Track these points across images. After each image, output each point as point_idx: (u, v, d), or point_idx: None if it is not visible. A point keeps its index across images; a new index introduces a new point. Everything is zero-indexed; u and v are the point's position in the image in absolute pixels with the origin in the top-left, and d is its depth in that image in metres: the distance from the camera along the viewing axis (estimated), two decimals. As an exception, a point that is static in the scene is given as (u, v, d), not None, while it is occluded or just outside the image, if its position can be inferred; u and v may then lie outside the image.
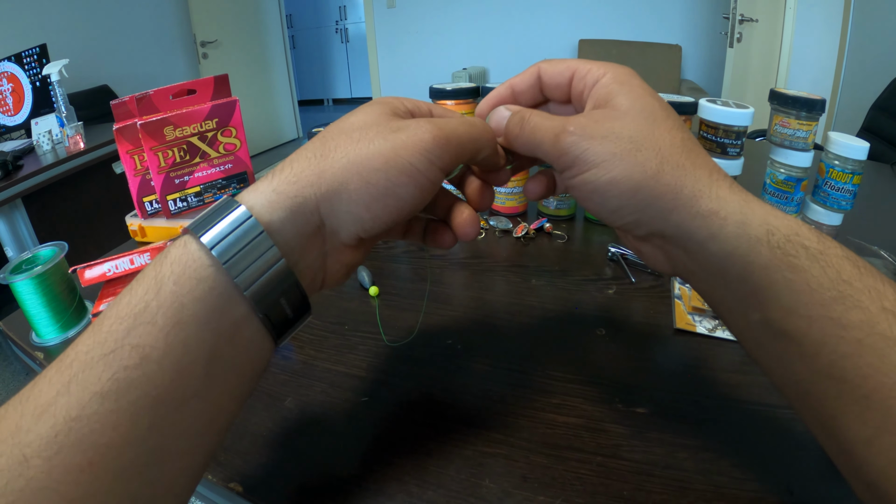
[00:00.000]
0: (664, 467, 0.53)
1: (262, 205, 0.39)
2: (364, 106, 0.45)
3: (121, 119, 1.03)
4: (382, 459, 0.56)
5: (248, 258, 0.37)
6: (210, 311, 0.36)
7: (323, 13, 8.47)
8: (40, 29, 3.97)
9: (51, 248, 0.83)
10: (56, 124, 2.91)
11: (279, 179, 0.40)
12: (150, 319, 0.34)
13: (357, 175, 0.40)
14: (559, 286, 0.86)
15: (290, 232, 0.40)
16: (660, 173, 0.41)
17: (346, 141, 0.42)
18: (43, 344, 0.80)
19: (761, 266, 0.38)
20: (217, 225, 0.38)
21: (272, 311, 0.39)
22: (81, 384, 0.32)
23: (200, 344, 0.36)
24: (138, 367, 0.33)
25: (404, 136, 0.41)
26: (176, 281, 0.36)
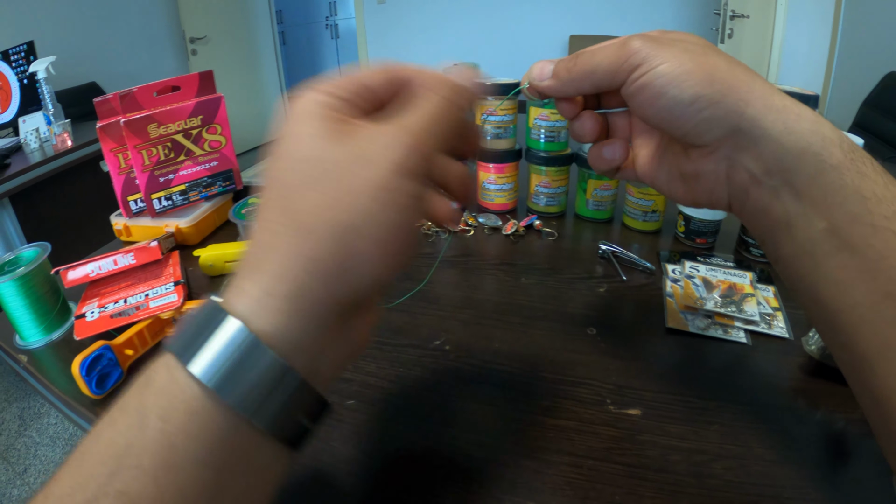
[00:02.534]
0: (657, 470, 0.53)
1: (257, 314, 0.32)
2: (292, 123, 0.35)
3: (104, 117, 1.01)
4: (367, 465, 0.55)
5: (249, 382, 0.32)
6: (209, 449, 0.31)
7: (313, 9, 8.43)
8: (28, 26, 3.94)
9: (33, 248, 0.82)
10: (43, 122, 2.89)
11: (267, 277, 0.33)
12: (135, 463, 0.30)
13: (362, 238, 0.33)
14: (549, 285, 0.86)
15: (298, 334, 0.33)
16: (731, 69, 0.41)
17: (315, 196, 0.33)
18: (27, 346, 0.79)
19: (833, 166, 0.37)
20: (204, 346, 0.32)
21: (293, 432, 0.35)
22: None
23: (200, 485, 0.31)
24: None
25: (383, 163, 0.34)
26: (162, 416, 0.31)
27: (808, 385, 0.63)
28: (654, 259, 0.91)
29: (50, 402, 0.73)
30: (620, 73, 0.43)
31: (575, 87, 0.47)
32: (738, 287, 0.79)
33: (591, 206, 1.07)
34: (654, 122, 0.44)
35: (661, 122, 0.43)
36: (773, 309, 0.75)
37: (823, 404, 0.60)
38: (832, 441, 0.56)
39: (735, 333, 0.71)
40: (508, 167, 1.09)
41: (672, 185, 0.49)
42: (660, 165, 0.50)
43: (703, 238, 0.95)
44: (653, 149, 0.51)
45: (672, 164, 0.49)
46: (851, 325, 0.38)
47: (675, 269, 0.86)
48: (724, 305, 0.75)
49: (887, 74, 2.86)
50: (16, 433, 2.45)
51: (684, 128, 0.42)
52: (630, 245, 0.97)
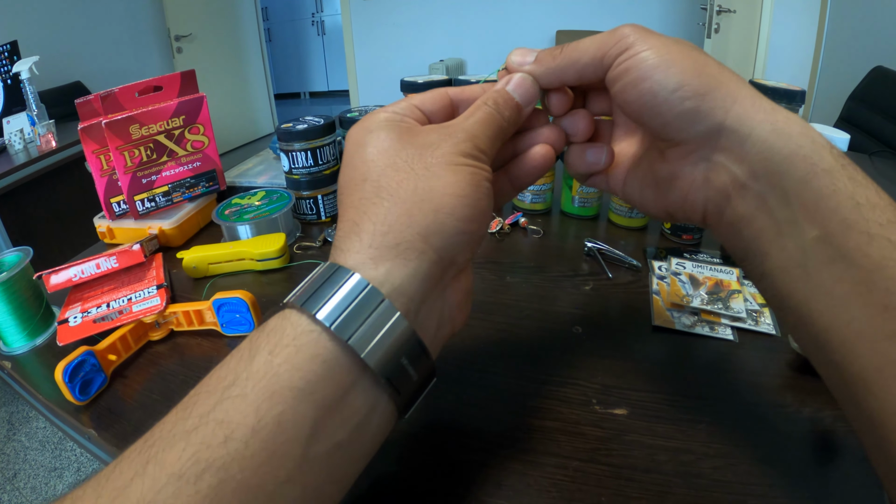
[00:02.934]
0: (643, 471, 0.52)
1: (364, 263, 0.37)
2: (360, 134, 0.43)
3: (86, 118, 1.00)
4: (352, 469, 0.54)
5: (359, 318, 0.35)
6: (311, 380, 0.33)
7: (299, 5, 8.42)
8: (11, 25, 3.91)
9: (15, 253, 0.81)
10: (27, 123, 2.88)
11: (368, 237, 0.38)
12: (239, 392, 0.32)
13: (443, 195, 0.39)
14: (534, 283, 0.85)
15: (403, 280, 0.37)
16: (721, 69, 0.41)
17: (396, 172, 0.40)
18: (11, 353, 0.78)
19: (825, 170, 0.36)
20: (320, 292, 0.36)
21: (395, 375, 0.37)
22: (159, 464, 0.29)
23: (299, 418, 0.32)
24: (222, 445, 0.30)
25: (447, 149, 0.41)
26: (271, 350, 0.33)
27: (796, 381, 0.62)
28: (641, 256, 0.91)
29: (35, 409, 0.72)
30: (607, 58, 0.43)
31: (558, 75, 0.46)
32: (724, 283, 0.79)
33: (576, 203, 1.06)
34: (635, 109, 0.43)
35: (641, 109, 0.42)
36: (759, 305, 0.75)
37: (811, 401, 0.59)
38: (820, 438, 0.56)
39: (722, 330, 0.71)
40: (494, 165, 1.07)
41: (644, 193, 0.48)
42: (634, 171, 0.50)
43: (689, 234, 0.95)
44: (629, 156, 0.51)
45: (647, 168, 0.48)
46: (847, 343, 0.36)
47: (661, 266, 0.86)
48: (711, 302, 0.75)
49: (874, 69, 2.87)
50: (4, 438, 2.44)
51: (665, 116, 0.41)
52: (616, 242, 0.96)
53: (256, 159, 1.46)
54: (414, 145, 0.41)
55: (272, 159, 1.45)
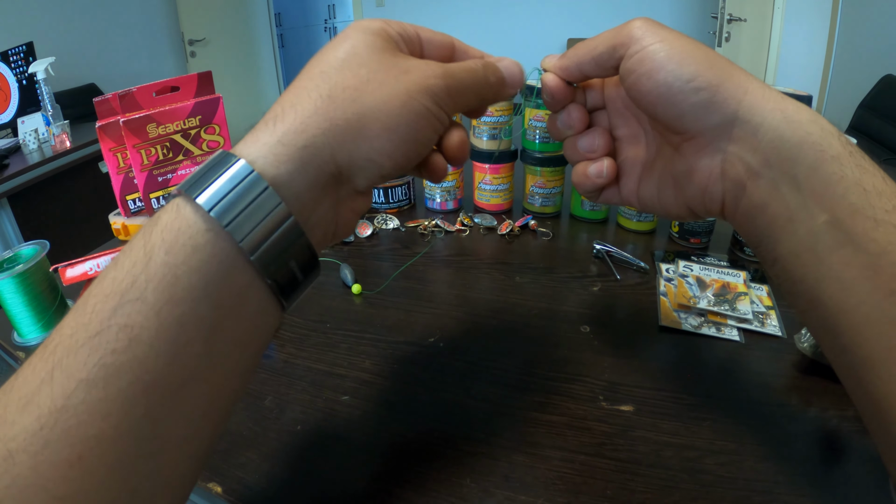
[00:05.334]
0: (648, 466, 0.53)
1: (266, 157, 0.35)
2: (349, 31, 0.41)
3: (104, 116, 1.02)
4: (361, 459, 0.55)
5: (253, 218, 0.34)
6: (209, 283, 0.33)
7: (312, 12, 8.42)
8: (27, 27, 3.93)
9: (32, 246, 0.82)
10: (42, 123, 2.89)
11: (283, 128, 0.36)
12: (138, 296, 0.31)
13: (375, 121, 0.38)
14: (543, 284, 0.86)
15: (301, 185, 0.36)
16: (730, 63, 0.41)
17: (352, 78, 0.38)
18: (25, 344, 0.79)
19: (834, 157, 0.37)
20: (213, 183, 0.34)
21: (281, 276, 0.36)
22: (66, 371, 0.29)
23: (198, 320, 0.32)
24: (127, 349, 0.30)
25: (416, 78, 0.40)
26: (168, 250, 0.32)
27: (801, 382, 0.63)
28: (649, 259, 0.92)
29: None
30: (621, 48, 0.44)
31: (578, 65, 0.48)
32: (731, 286, 0.79)
33: (586, 207, 1.07)
34: (650, 101, 0.43)
35: (657, 101, 0.43)
36: (766, 308, 0.76)
37: (816, 401, 0.60)
38: (825, 438, 0.56)
39: (728, 331, 0.72)
40: (504, 168, 1.09)
41: (663, 193, 0.49)
42: (648, 175, 0.50)
43: (697, 238, 0.95)
44: (638, 163, 0.52)
45: (663, 168, 0.49)
46: (855, 326, 0.37)
47: (668, 269, 0.87)
48: (718, 304, 0.75)
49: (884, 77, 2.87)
50: (13, 434, 2.44)
51: (681, 107, 0.42)
52: (625, 245, 0.97)
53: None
54: (385, 61, 0.40)
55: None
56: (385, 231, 1.07)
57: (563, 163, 1.06)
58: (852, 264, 0.36)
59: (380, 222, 1.09)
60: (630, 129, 0.52)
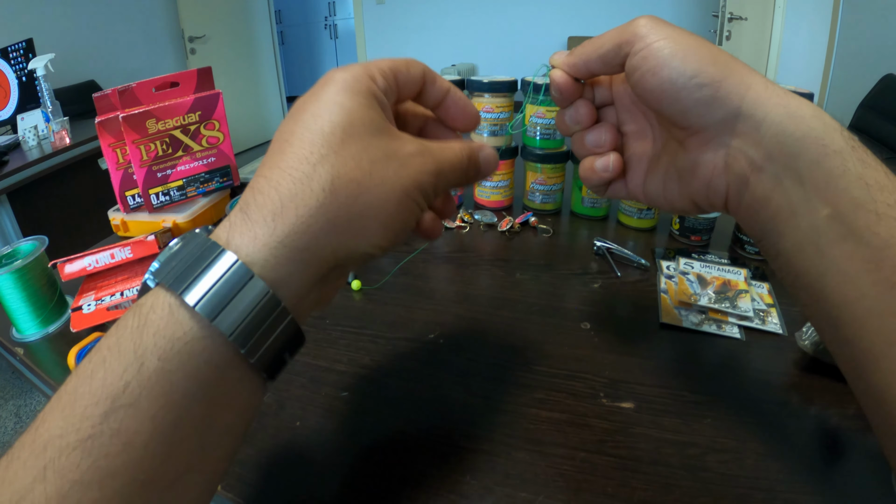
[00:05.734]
0: (649, 463, 0.53)
1: (267, 260, 0.34)
2: (336, 90, 0.39)
3: (103, 112, 1.01)
4: (361, 455, 0.55)
5: (255, 324, 0.33)
6: (204, 386, 0.33)
7: (312, 9, 8.43)
8: (27, 23, 3.94)
9: (31, 242, 0.82)
10: (42, 119, 2.89)
11: (284, 229, 0.35)
12: (131, 402, 0.31)
13: (374, 220, 0.38)
14: (543, 280, 0.86)
15: (300, 284, 0.36)
16: (733, 59, 0.42)
17: (354, 169, 0.37)
18: (23, 339, 0.79)
19: (836, 151, 0.37)
20: (210, 283, 0.33)
21: (275, 367, 0.37)
22: (58, 472, 0.29)
23: (192, 419, 0.33)
24: (121, 453, 0.30)
25: (411, 174, 0.40)
26: (161, 356, 0.31)
27: (802, 380, 0.63)
28: (649, 256, 0.91)
29: (46, 395, 0.73)
30: (626, 46, 0.44)
31: (585, 62, 0.48)
32: (732, 283, 0.79)
33: (586, 204, 1.07)
34: (655, 97, 0.44)
35: (661, 97, 0.43)
36: (767, 305, 0.76)
37: (817, 399, 0.60)
38: (826, 436, 0.56)
39: (729, 329, 0.71)
40: (504, 165, 1.09)
41: (668, 187, 0.49)
42: (654, 169, 0.51)
43: (697, 235, 0.95)
44: (645, 158, 0.52)
45: (668, 162, 0.49)
46: (857, 319, 0.37)
47: (669, 266, 0.87)
48: (718, 301, 0.75)
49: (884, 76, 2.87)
50: (12, 431, 2.45)
51: (685, 103, 0.42)
52: (625, 242, 0.97)
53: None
54: (384, 148, 0.39)
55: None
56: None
57: (563, 160, 1.06)
58: (854, 258, 0.36)
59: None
60: (637, 125, 0.53)
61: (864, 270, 0.36)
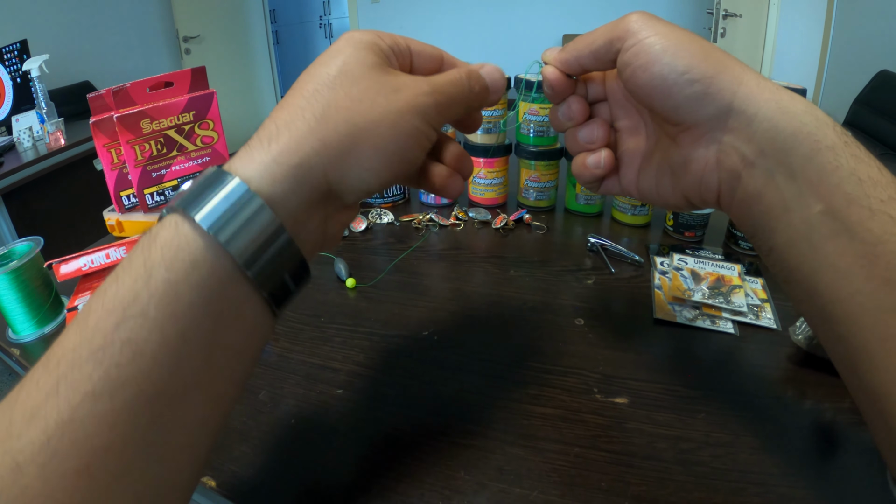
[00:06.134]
0: (643, 458, 0.53)
1: (262, 176, 0.36)
2: (341, 45, 0.42)
3: (97, 112, 1.01)
4: (356, 452, 0.55)
5: (250, 235, 0.35)
6: (208, 298, 0.34)
7: (307, 8, 8.41)
8: (21, 24, 3.92)
9: (26, 242, 0.82)
10: (37, 121, 2.89)
11: (278, 147, 0.37)
12: (140, 311, 0.32)
13: (366, 141, 0.39)
14: (538, 277, 0.86)
15: (294, 203, 0.37)
16: (726, 55, 0.42)
17: (344, 98, 0.39)
18: (19, 340, 0.79)
19: (829, 146, 0.37)
20: (210, 201, 0.35)
21: (275, 288, 0.37)
22: (71, 384, 0.30)
23: (199, 333, 0.34)
24: (131, 363, 0.31)
25: (407, 98, 0.41)
26: (168, 267, 0.33)
27: (796, 375, 0.63)
28: (643, 252, 0.92)
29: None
30: (617, 42, 0.44)
31: (577, 59, 0.48)
32: (726, 279, 0.79)
33: (580, 201, 1.07)
34: (646, 93, 0.44)
35: (652, 93, 0.43)
36: (760, 300, 0.76)
37: (811, 394, 0.60)
38: (819, 430, 0.56)
39: (723, 324, 0.72)
40: (498, 162, 1.09)
41: (661, 183, 0.49)
42: (647, 165, 0.51)
43: (692, 231, 0.95)
44: (638, 154, 0.52)
45: (660, 158, 0.49)
46: (850, 315, 0.37)
47: (663, 262, 0.87)
48: (712, 297, 0.75)
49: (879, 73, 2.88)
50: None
51: (676, 99, 0.42)
52: (619, 239, 0.97)
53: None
54: (377, 80, 0.41)
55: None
56: (379, 225, 1.06)
57: (557, 157, 1.06)
58: (847, 253, 0.36)
59: (374, 217, 1.09)
60: (630, 121, 0.53)
61: (857, 266, 0.36)
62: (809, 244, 0.38)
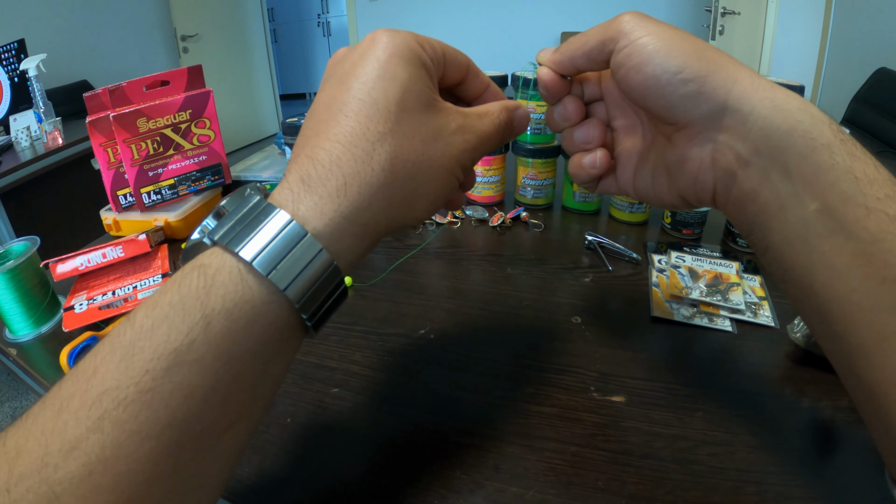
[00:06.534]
0: (640, 457, 0.53)
1: (332, 234, 0.37)
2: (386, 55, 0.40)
3: (94, 111, 1.01)
4: (351, 451, 0.55)
5: (311, 286, 0.36)
6: (266, 344, 0.35)
7: (304, 6, 8.42)
8: (18, 24, 3.92)
9: (23, 242, 0.82)
10: (34, 120, 2.88)
11: (349, 204, 0.37)
12: (196, 358, 0.32)
13: (423, 198, 0.41)
14: (535, 275, 0.86)
15: (357, 254, 0.39)
16: (719, 52, 0.42)
17: (409, 151, 0.39)
18: (16, 340, 0.78)
19: (824, 144, 0.37)
20: (271, 246, 0.35)
21: (321, 321, 0.39)
22: (115, 423, 0.30)
23: (251, 374, 0.35)
24: (182, 406, 0.31)
25: (455, 153, 0.42)
26: (228, 317, 0.33)
27: (794, 373, 0.63)
28: (641, 250, 0.91)
29: (39, 395, 0.73)
30: (610, 42, 0.44)
31: (571, 59, 0.48)
32: (723, 277, 0.79)
33: (578, 198, 1.07)
34: (640, 94, 0.44)
35: (646, 93, 0.43)
36: (758, 298, 0.76)
37: (809, 392, 0.60)
38: (818, 428, 0.56)
39: (721, 322, 0.71)
40: (495, 160, 1.09)
41: (657, 182, 0.49)
42: (643, 164, 0.51)
43: (689, 229, 0.95)
44: (634, 154, 0.52)
45: (656, 157, 0.49)
46: (847, 314, 0.37)
47: (661, 260, 0.87)
48: (710, 295, 0.75)
49: (877, 70, 2.88)
50: (8, 432, 2.44)
51: (669, 99, 0.42)
52: (617, 236, 0.97)
53: (261, 154, 1.47)
54: (433, 125, 0.42)
55: (277, 154, 1.46)
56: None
57: (554, 154, 1.06)
58: (844, 252, 0.36)
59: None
60: (627, 120, 0.53)
61: (853, 265, 0.36)
62: (805, 243, 0.38)
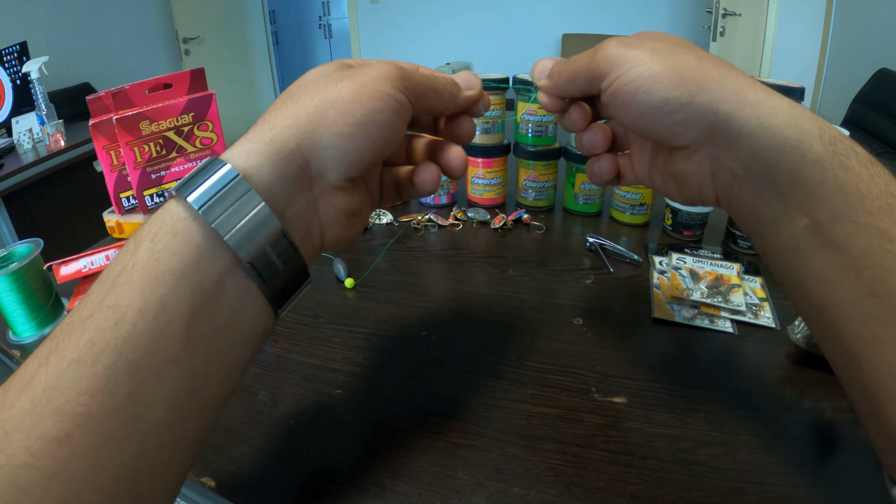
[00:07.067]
0: (641, 457, 0.53)
1: (238, 155, 0.38)
2: (321, 65, 0.45)
3: (97, 114, 1.01)
4: (355, 452, 0.55)
5: (225, 203, 0.36)
6: (187, 264, 0.35)
7: (306, 9, 8.40)
8: (21, 26, 3.92)
9: (26, 244, 0.82)
10: (36, 123, 2.89)
11: (254, 131, 0.40)
12: (127, 279, 0.33)
13: (332, 108, 0.40)
14: (536, 277, 0.86)
15: (269, 175, 0.38)
16: (701, 67, 0.41)
17: (313, 87, 0.42)
18: (19, 342, 0.79)
19: (813, 160, 0.37)
20: (194, 180, 0.37)
21: (258, 260, 0.37)
22: (60, 353, 0.31)
23: (178, 300, 0.34)
24: (114, 328, 0.32)
25: (368, 71, 0.43)
26: (153, 238, 0.35)
27: (795, 374, 0.63)
28: (642, 251, 0.92)
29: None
30: (595, 81, 0.45)
31: (564, 90, 0.49)
32: (724, 278, 0.79)
33: (579, 200, 1.07)
34: (633, 128, 0.45)
35: (638, 128, 0.45)
36: (759, 299, 0.76)
37: (810, 393, 0.60)
38: (818, 429, 0.56)
39: (721, 323, 0.72)
40: (497, 162, 1.09)
41: (667, 186, 0.50)
42: (653, 168, 0.52)
43: (690, 230, 0.95)
44: (647, 155, 0.53)
45: (662, 166, 0.49)
46: (836, 321, 0.38)
47: (662, 261, 0.87)
48: (711, 296, 0.75)
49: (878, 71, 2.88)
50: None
51: (660, 131, 0.43)
52: (618, 238, 0.97)
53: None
54: (343, 70, 0.44)
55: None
56: (378, 226, 1.07)
57: (555, 156, 1.06)
58: (833, 265, 0.37)
59: (373, 217, 1.09)
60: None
61: (842, 278, 0.37)
62: (796, 255, 0.40)
